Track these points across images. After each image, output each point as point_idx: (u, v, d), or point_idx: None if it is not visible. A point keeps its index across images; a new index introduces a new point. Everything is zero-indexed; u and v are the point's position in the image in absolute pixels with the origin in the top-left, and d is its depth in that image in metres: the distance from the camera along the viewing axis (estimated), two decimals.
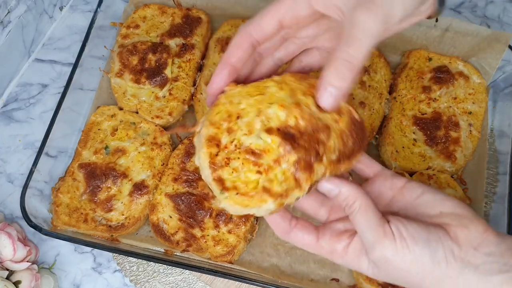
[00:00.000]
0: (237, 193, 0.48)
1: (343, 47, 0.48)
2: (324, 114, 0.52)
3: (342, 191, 0.53)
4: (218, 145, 0.50)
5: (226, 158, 0.49)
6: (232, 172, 0.49)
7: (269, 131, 0.49)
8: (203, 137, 0.50)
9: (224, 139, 0.50)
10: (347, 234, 0.55)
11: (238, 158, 0.49)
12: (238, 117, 0.51)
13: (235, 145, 0.50)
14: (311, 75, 0.59)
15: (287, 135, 0.49)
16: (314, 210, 0.59)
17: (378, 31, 0.48)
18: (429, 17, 0.57)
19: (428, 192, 0.55)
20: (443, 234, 0.50)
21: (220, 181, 0.49)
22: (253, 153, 0.49)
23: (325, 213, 0.59)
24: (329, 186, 0.53)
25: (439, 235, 0.50)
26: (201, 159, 0.50)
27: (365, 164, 0.60)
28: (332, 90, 0.50)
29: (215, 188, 0.49)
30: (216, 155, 0.50)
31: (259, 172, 0.49)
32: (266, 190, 0.48)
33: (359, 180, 0.60)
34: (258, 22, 0.54)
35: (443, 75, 0.94)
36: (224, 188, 0.49)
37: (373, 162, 0.60)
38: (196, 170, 0.89)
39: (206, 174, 0.50)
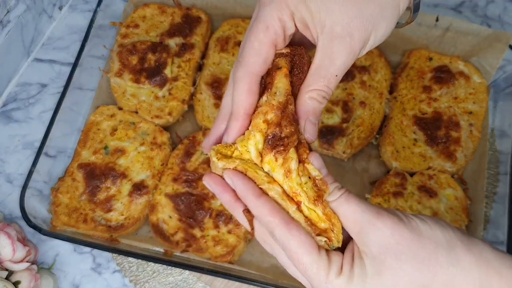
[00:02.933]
0: None
1: (321, 81, 0.50)
2: None
3: (329, 173, 0.50)
4: None
5: None
6: None
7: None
8: None
9: None
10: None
11: None
12: None
13: None
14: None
15: None
16: None
17: (350, 64, 0.50)
18: (406, 23, 0.57)
19: None
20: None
21: None
22: None
23: None
24: (320, 162, 0.50)
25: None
26: None
27: None
28: (312, 121, 0.51)
29: None
30: None
31: None
32: None
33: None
34: (260, 56, 0.51)
35: (443, 75, 0.93)
36: None
37: None
38: (196, 170, 0.89)
39: None
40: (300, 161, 0.50)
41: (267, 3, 0.50)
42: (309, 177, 0.49)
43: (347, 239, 0.49)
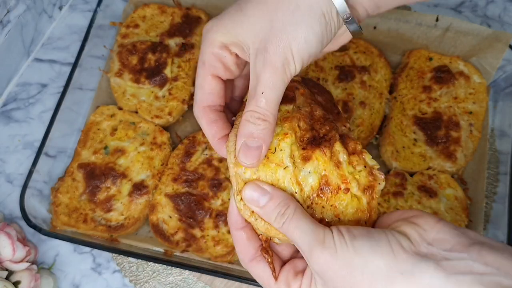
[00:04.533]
0: None
1: (252, 102, 0.49)
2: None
3: (275, 196, 0.48)
4: None
5: None
6: None
7: None
8: None
9: None
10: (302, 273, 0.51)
11: None
12: None
13: None
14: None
15: None
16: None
17: (282, 81, 0.49)
18: (354, 36, 0.56)
19: (381, 217, 0.53)
20: (388, 231, 0.46)
21: None
22: None
23: (287, 247, 0.55)
24: (257, 191, 0.49)
25: (383, 231, 0.46)
26: None
27: None
28: (248, 144, 0.49)
29: None
30: None
31: None
32: None
33: None
34: (202, 91, 0.54)
35: (443, 75, 0.93)
36: None
37: None
38: (196, 170, 0.89)
39: None
40: (354, 153, 0.52)
41: (203, 40, 0.53)
42: (365, 166, 0.52)
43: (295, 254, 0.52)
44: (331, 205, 0.51)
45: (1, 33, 0.98)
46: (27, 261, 0.83)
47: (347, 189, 0.51)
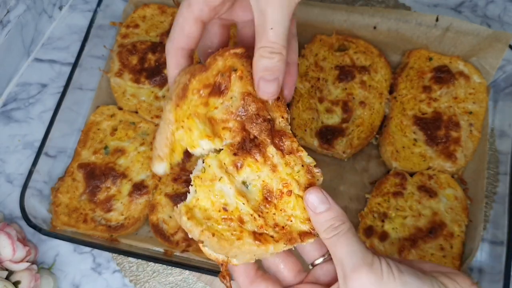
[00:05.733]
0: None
1: (263, 39, 0.49)
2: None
3: (333, 208, 0.49)
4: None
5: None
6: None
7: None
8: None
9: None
10: None
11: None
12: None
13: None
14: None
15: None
16: (277, 268, 0.56)
17: (288, 13, 0.49)
18: None
19: (404, 260, 0.53)
20: (432, 276, 0.48)
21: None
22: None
23: (289, 273, 0.55)
24: (319, 198, 0.49)
25: (427, 275, 0.47)
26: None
27: None
28: (266, 78, 0.50)
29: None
30: None
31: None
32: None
33: None
34: (182, 33, 0.54)
35: (443, 75, 0.93)
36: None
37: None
38: None
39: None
40: (291, 152, 0.51)
41: None
42: (302, 165, 0.51)
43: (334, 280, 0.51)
44: (280, 210, 0.51)
45: (1, 33, 0.98)
46: (27, 261, 0.83)
47: (290, 191, 0.50)
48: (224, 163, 0.51)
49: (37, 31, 1.08)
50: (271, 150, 0.51)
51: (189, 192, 0.52)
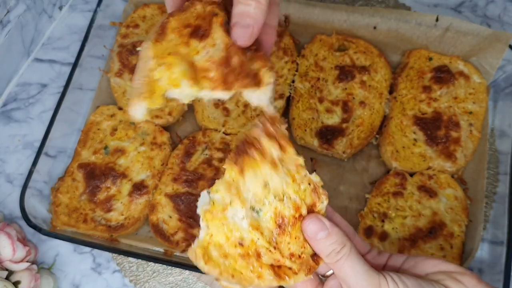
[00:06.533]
0: None
1: None
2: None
3: (333, 233, 0.49)
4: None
5: None
6: None
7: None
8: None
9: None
10: None
11: None
12: None
13: None
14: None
15: None
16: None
17: None
18: None
19: (409, 258, 0.54)
20: (436, 283, 0.48)
21: None
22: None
23: None
24: (318, 226, 0.49)
25: (431, 283, 0.48)
26: None
27: (358, 244, 0.57)
28: (241, 23, 0.50)
29: None
30: None
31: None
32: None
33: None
34: None
35: (443, 75, 0.93)
36: None
37: (364, 243, 0.58)
38: (196, 170, 0.89)
39: None
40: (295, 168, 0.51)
41: None
42: (309, 184, 0.50)
43: None
44: (295, 238, 0.50)
45: (1, 33, 0.98)
46: (27, 261, 0.84)
47: (301, 216, 0.50)
48: (233, 179, 0.51)
49: (37, 31, 1.08)
50: (268, 146, 0.50)
51: (198, 231, 0.52)
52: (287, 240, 0.50)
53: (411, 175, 0.88)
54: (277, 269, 0.50)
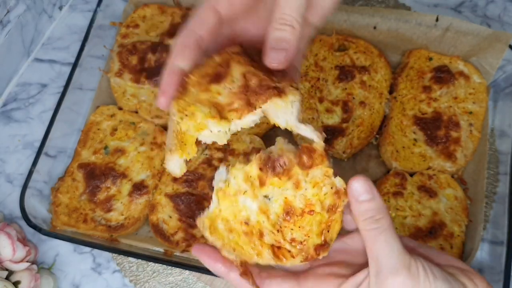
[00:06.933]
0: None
1: (277, 11, 0.50)
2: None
3: (376, 200, 0.48)
4: None
5: None
6: None
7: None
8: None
9: None
10: (334, 277, 0.51)
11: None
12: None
13: None
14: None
15: None
16: None
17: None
18: None
19: (421, 247, 0.53)
20: (457, 279, 0.48)
21: None
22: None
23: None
24: (365, 187, 0.47)
25: (454, 278, 0.48)
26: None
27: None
28: (275, 46, 0.51)
29: None
30: None
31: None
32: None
33: None
34: (199, 16, 0.54)
35: (443, 75, 0.93)
36: None
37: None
38: (196, 170, 0.89)
39: None
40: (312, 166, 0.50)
41: None
42: (331, 187, 0.50)
43: (360, 260, 0.51)
44: (299, 227, 0.51)
45: (1, 33, 0.98)
46: (27, 261, 0.84)
47: (312, 211, 0.50)
48: (250, 176, 0.51)
49: (37, 31, 1.08)
50: (296, 170, 0.50)
51: (208, 205, 0.52)
52: (291, 226, 0.51)
53: (411, 175, 0.88)
54: (276, 250, 0.51)
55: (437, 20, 0.92)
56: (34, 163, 0.87)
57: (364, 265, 0.50)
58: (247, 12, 0.56)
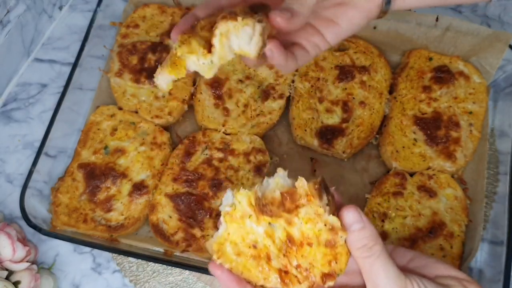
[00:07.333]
0: None
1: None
2: None
3: (367, 228, 0.49)
4: None
5: None
6: None
7: None
8: None
9: None
10: None
11: None
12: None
13: None
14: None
15: None
16: None
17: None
18: (379, 13, 0.60)
19: (418, 257, 0.54)
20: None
21: None
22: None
23: None
24: (354, 217, 0.49)
25: (453, 284, 0.49)
26: None
27: None
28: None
29: None
30: None
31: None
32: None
33: None
34: None
35: (443, 75, 0.93)
36: None
37: None
38: (196, 170, 0.89)
39: None
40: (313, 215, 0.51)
41: None
42: (325, 225, 0.50)
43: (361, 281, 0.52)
44: (301, 255, 0.51)
45: (1, 33, 0.98)
46: (27, 261, 0.83)
47: (311, 243, 0.51)
48: (252, 205, 0.52)
49: (37, 31, 1.08)
50: (284, 214, 0.51)
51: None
52: (295, 254, 0.52)
53: (411, 175, 0.88)
54: (283, 274, 0.52)
55: (437, 20, 0.92)
56: (34, 163, 0.87)
57: (362, 286, 0.51)
58: None
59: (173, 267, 0.87)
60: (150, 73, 0.96)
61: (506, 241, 0.79)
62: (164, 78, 0.57)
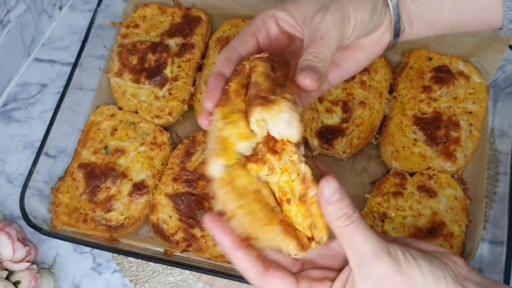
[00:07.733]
0: None
1: (311, 46, 0.52)
2: None
3: (346, 196, 0.48)
4: None
5: None
6: None
7: None
8: None
9: None
10: (327, 280, 0.52)
11: None
12: None
13: None
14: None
15: None
16: (277, 255, 0.55)
17: (339, 33, 0.53)
18: (386, 48, 0.61)
19: (398, 239, 0.54)
20: (439, 258, 0.50)
21: None
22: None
23: (287, 260, 0.54)
24: (334, 188, 0.48)
25: (435, 257, 0.50)
26: None
27: None
28: (304, 73, 0.51)
29: None
30: None
31: None
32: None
33: None
34: (241, 38, 0.58)
35: (443, 75, 0.93)
36: None
37: None
38: (196, 170, 0.89)
39: None
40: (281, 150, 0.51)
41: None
42: (297, 174, 0.49)
43: (344, 265, 0.52)
44: (285, 216, 0.51)
45: (1, 33, 0.98)
46: (27, 261, 0.84)
47: (288, 200, 0.50)
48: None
49: (37, 31, 1.08)
50: (269, 156, 0.51)
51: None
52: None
53: (411, 175, 0.88)
54: (286, 226, 0.50)
55: None
56: (34, 163, 0.87)
57: (339, 270, 0.52)
58: (283, 49, 0.60)
59: (173, 267, 0.87)
60: (150, 73, 0.96)
61: (506, 241, 0.79)
62: (216, 166, 0.52)
